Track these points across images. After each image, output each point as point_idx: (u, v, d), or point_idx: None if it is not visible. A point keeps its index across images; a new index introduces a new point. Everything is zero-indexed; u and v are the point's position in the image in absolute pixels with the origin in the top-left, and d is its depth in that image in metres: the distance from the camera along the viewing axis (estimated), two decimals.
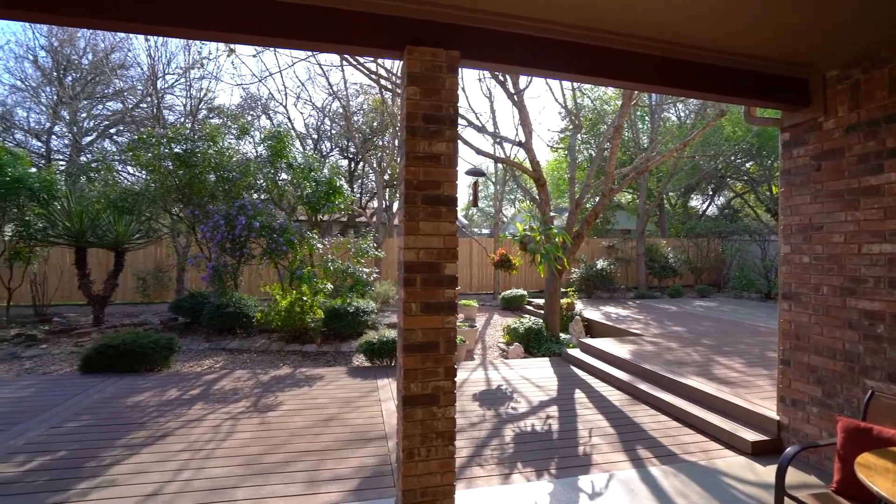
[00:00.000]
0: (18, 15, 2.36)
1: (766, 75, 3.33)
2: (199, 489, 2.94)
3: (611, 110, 17.36)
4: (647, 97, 14.33)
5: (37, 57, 17.52)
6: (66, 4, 2.28)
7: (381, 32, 2.58)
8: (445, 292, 2.50)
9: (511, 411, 4.45)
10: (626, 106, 7.16)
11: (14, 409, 4.34)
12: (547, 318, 7.75)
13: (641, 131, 17.81)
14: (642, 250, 14.69)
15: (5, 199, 8.04)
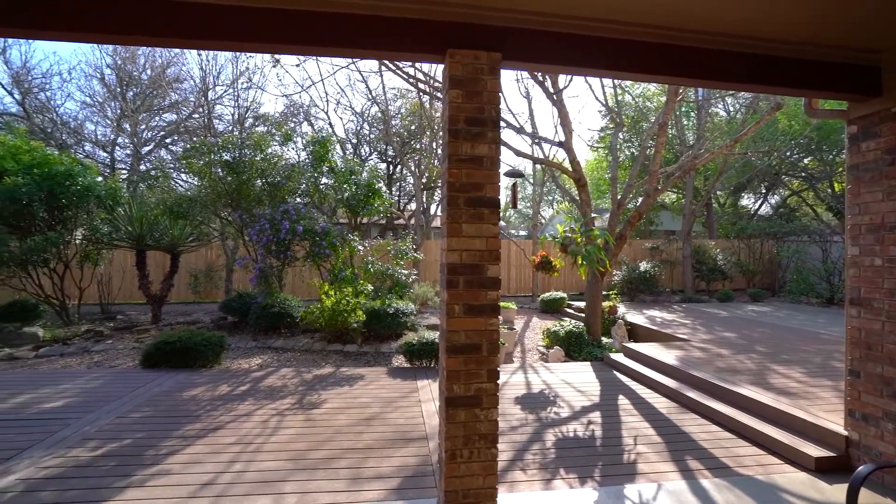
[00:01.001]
0: (86, 37, 2.56)
1: (830, 64, 3.11)
2: (250, 481, 3.06)
3: (654, 107, 16.77)
4: (694, 92, 13.76)
5: (103, 75, 18.93)
6: (126, 25, 2.45)
7: (423, 38, 2.62)
8: (488, 294, 2.49)
9: (552, 416, 4.38)
10: (672, 102, 6.89)
11: (87, 398, 4.69)
12: (588, 322, 7.56)
13: (687, 128, 17.09)
14: (688, 252, 14.07)
15: (77, 206, 8.71)
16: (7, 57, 20.63)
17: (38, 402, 4.57)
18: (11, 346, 7.18)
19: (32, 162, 8.26)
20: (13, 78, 17.82)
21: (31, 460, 3.32)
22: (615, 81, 10.66)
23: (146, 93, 18.83)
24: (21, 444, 3.58)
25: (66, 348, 7.09)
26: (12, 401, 4.62)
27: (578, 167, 7.63)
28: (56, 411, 4.33)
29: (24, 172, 8.02)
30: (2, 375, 5.63)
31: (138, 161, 18.45)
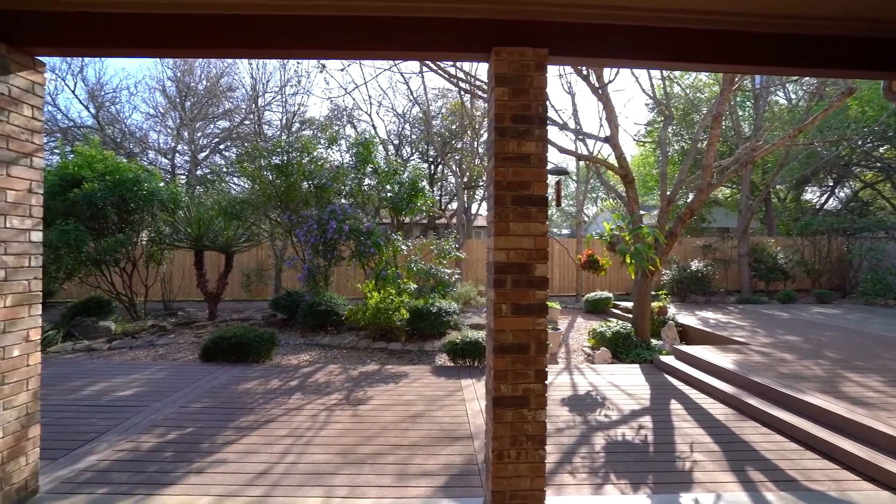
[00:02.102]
0: (153, 52, 2.75)
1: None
2: (302, 472, 3.17)
3: (705, 98, 15.92)
4: (751, 80, 12.94)
5: (165, 87, 20.28)
6: (188, 39, 2.60)
7: (468, 37, 2.61)
8: (536, 293, 2.46)
9: (601, 418, 4.25)
10: (727, 91, 6.51)
11: (153, 389, 5.04)
12: (636, 323, 7.29)
13: (743, 118, 16.11)
14: (745, 250, 13.27)
15: (143, 210, 9.38)
16: (84, 75, 22.51)
17: (113, 391, 4.96)
18: (89, 338, 7.84)
19: (105, 169, 8.97)
20: (89, 94, 19.44)
21: (108, 443, 3.60)
22: (664, 73, 10.21)
23: (202, 102, 19.98)
24: (100, 428, 3.90)
25: (135, 341, 7.64)
26: (91, 388, 5.04)
27: (625, 163, 7.37)
28: (127, 399, 4.68)
29: (98, 179, 8.72)
30: (82, 365, 6.15)
31: (195, 166, 19.62)
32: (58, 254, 7.95)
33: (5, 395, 2.55)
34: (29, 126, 2.71)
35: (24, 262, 2.68)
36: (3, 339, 2.53)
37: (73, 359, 6.61)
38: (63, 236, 7.88)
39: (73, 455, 3.40)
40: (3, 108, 2.53)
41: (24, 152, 2.67)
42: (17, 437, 2.63)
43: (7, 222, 2.56)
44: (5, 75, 2.54)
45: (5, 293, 2.55)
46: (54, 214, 8.11)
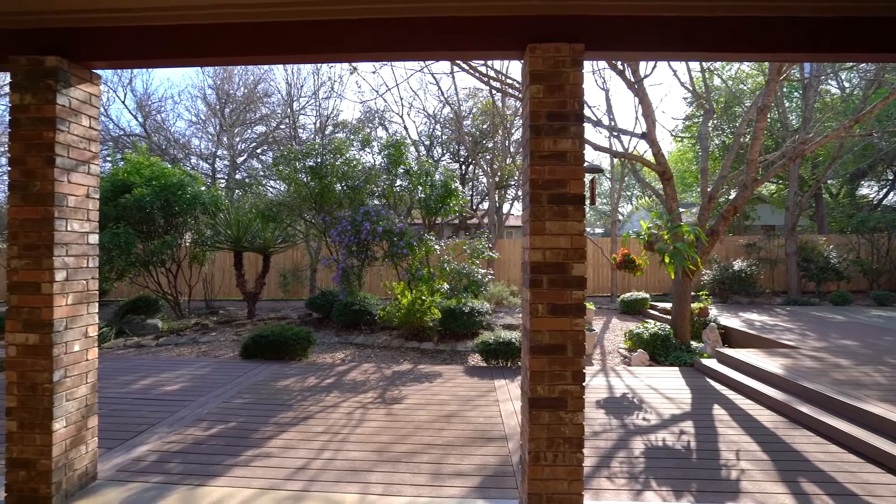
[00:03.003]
0: (199, 61, 2.87)
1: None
2: (339, 469, 3.23)
3: (748, 90, 15.19)
4: (799, 69, 12.26)
5: (205, 95, 21.19)
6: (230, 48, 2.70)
7: (502, 34, 2.59)
8: (573, 294, 2.41)
9: (639, 422, 4.13)
10: (774, 81, 6.19)
11: (198, 384, 5.27)
12: (675, 324, 7.04)
13: (790, 109, 15.28)
14: (793, 249, 12.58)
15: (186, 213, 9.83)
16: (133, 86, 23.81)
17: (161, 385, 5.21)
18: (138, 335, 8.28)
19: (152, 175, 9.45)
20: (137, 103, 20.55)
21: (158, 435, 3.79)
22: (703, 65, 9.82)
23: (240, 108, 20.76)
24: (150, 420, 4.11)
25: (180, 339, 8.01)
26: (141, 382, 5.31)
27: (663, 159, 7.13)
28: (174, 394, 4.91)
29: (145, 184, 9.20)
30: (132, 360, 6.50)
31: (234, 170, 20.40)
32: (110, 255, 8.43)
33: (67, 387, 2.73)
34: (87, 135, 2.88)
35: (83, 262, 2.86)
36: (65, 335, 2.71)
37: (124, 354, 7.00)
38: (114, 239, 8.35)
39: (127, 445, 3.59)
40: (64, 118, 2.70)
41: (83, 160, 2.84)
42: (78, 427, 2.80)
43: (68, 226, 2.73)
44: (66, 88, 2.71)
45: (67, 292, 2.72)
46: (107, 218, 8.61)
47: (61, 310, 2.68)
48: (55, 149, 2.63)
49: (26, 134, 2.63)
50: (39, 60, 2.64)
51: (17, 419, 2.63)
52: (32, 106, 2.63)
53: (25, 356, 2.62)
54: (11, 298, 2.64)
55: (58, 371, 2.65)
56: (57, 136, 2.64)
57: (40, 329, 2.62)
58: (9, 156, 2.67)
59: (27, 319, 2.62)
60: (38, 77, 2.64)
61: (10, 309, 2.64)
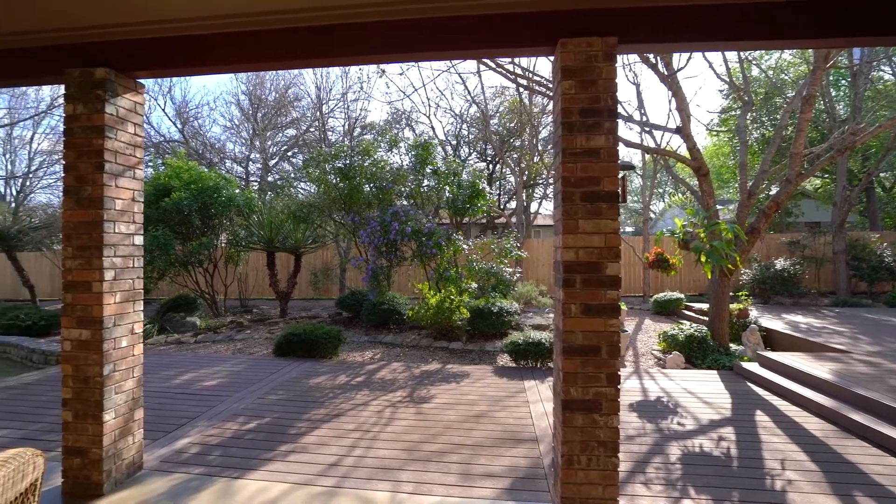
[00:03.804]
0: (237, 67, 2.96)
1: None
2: (370, 466, 3.27)
3: (790, 79, 14.48)
4: (848, 55, 11.58)
5: (239, 101, 21.92)
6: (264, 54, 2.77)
7: (532, 31, 2.56)
8: (607, 293, 2.35)
9: (675, 427, 4.00)
10: (820, 70, 5.86)
11: (234, 380, 5.45)
12: (713, 326, 6.78)
13: (837, 99, 14.47)
14: (842, 247, 11.91)
15: (221, 215, 10.19)
16: (172, 94, 24.88)
17: (200, 381, 5.41)
18: (178, 332, 8.64)
19: (190, 179, 9.84)
20: (176, 111, 21.45)
21: (198, 428, 3.94)
22: (741, 55, 9.42)
23: (272, 113, 21.34)
24: (190, 414, 4.27)
25: (216, 336, 8.30)
26: (182, 377, 5.54)
27: (698, 154, 6.88)
28: (212, 389, 5.09)
29: (184, 188, 9.59)
30: (174, 356, 6.79)
31: (266, 173, 20.99)
32: (152, 256, 8.83)
33: (116, 380, 2.87)
34: (132, 142, 3.02)
35: (130, 263, 3.00)
36: (114, 331, 2.85)
37: (165, 350, 7.31)
38: (155, 240, 8.74)
39: (169, 437, 3.75)
40: (112, 126, 2.84)
41: (129, 165, 2.98)
42: (125, 419, 2.95)
43: (116, 228, 2.87)
44: (114, 98, 2.85)
45: (115, 291, 2.86)
46: (148, 221, 9.02)
47: (110, 307, 2.82)
48: (104, 155, 2.77)
49: (78, 142, 2.79)
50: (90, 72, 2.79)
51: (72, 410, 2.79)
52: (84, 115, 2.78)
53: (79, 350, 2.78)
54: (66, 296, 2.79)
55: (107, 365, 2.80)
56: (106, 143, 2.78)
57: (92, 325, 2.76)
58: (63, 162, 2.83)
59: (80, 316, 2.77)
60: (88, 88, 2.78)
61: (65, 306, 2.80)
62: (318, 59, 2.87)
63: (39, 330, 8.64)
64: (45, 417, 4.23)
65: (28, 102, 21.27)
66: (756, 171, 7.28)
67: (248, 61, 2.85)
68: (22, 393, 5.01)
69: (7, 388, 5.18)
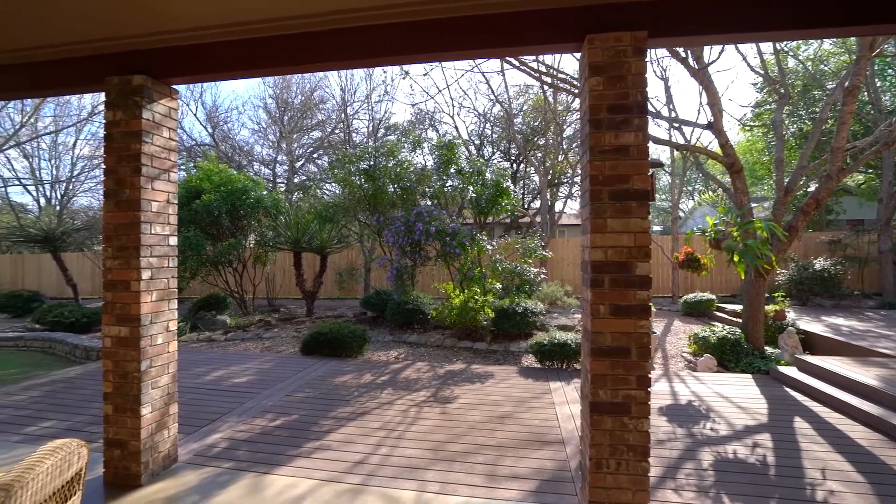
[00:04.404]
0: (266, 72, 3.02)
1: None
2: (396, 465, 3.29)
3: (830, 70, 13.82)
4: (894, 42, 10.97)
5: (266, 104, 22.45)
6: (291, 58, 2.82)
7: (559, 27, 2.52)
8: (637, 294, 2.29)
9: (707, 432, 3.87)
10: (865, 59, 5.57)
11: (262, 377, 5.58)
12: (747, 328, 6.54)
13: (883, 89, 13.73)
14: (888, 246, 11.29)
15: (250, 216, 10.45)
16: (203, 100, 25.70)
17: (229, 378, 5.57)
18: (209, 330, 8.91)
19: (220, 181, 10.13)
20: (207, 115, 22.14)
21: (228, 424, 4.05)
22: (777, 46, 9.05)
23: (298, 115, 21.78)
24: (221, 410, 4.40)
25: (245, 334, 8.52)
26: (213, 374, 5.71)
27: (731, 150, 6.64)
28: (242, 386, 5.23)
29: (214, 190, 9.88)
30: (205, 353, 7.01)
31: (293, 174, 21.43)
32: (184, 256, 9.14)
33: (152, 376, 2.98)
34: (167, 146, 3.13)
35: (165, 262, 3.11)
36: (150, 328, 2.96)
37: (197, 347, 7.55)
38: (187, 241, 9.05)
39: (201, 432, 3.87)
40: (148, 131, 2.95)
41: (164, 168, 3.09)
42: (161, 413, 3.05)
43: (152, 229, 2.98)
44: (150, 104, 2.96)
45: (151, 289, 2.97)
46: (181, 222, 9.33)
47: (147, 305, 2.93)
48: (141, 159, 2.88)
49: (118, 146, 2.90)
50: (128, 80, 2.90)
51: (113, 403, 2.91)
52: (123, 121, 2.90)
53: (118, 347, 2.89)
54: (106, 295, 2.92)
55: (144, 361, 2.91)
56: (143, 147, 2.89)
57: (130, 323, 2.88)
58: (104, 167, 2.96)
59: (119, 314, 2.89)
60: (127, 94, 2.90)
61: (106, 304, 2.92)
62: (344, 62, 2.89)
63: (81, 327, 9.06)
64: (88, 410, 4.43)
65: (71, 110, 22.35)
66: (793, 167, 6.97)
67: (280, 65, 2.90)
68: (66, 386, 5.27)
69: (53, 382, 5.45)
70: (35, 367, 6.88)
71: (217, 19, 2.70)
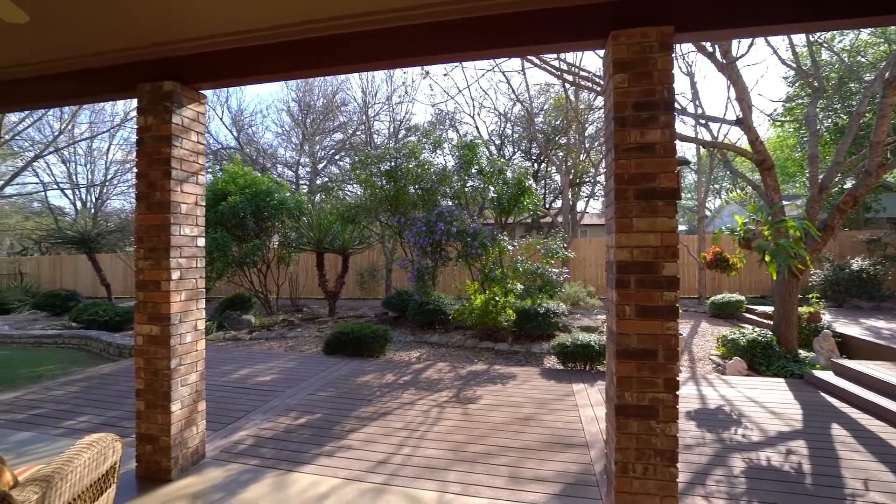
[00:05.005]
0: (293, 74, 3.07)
1: None
2: (417, 465, 3.29)
3: (868, 61, 13.21)
4: None
5: (289, 108, 22.87)
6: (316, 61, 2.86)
7: (582, 24, 2.48)
8: (664, 295, 2.23)
9: (738, 438, 3.75)
10: None
11: (286, 376, 5.68)
12: (779, 330, 6.31)
13: None
14: None
15: (273, 218, 10.66)
16: (229, 104, 26.35)
17: (254, 376, 5.68)
18: (235, 329, 9.12)
19: (245, 184, 10.37)
20: (232, 119, 22.70)
21: (253, 422, 4.13)
22: (810, 37, 8.71)
23: (320, 118, 22.11)
24: (246, 408, 4.49)
25: (269, 334, 8.69)
26: (239, 372, 5.84)
27: (762, 147, 6.43)
28: (266, 384, 5.33)
29: (240, 192, 10.12)
30: (231, 352, 7.18)
31: (315, 176, 21.76)
32: (211, 257, 9.38)
33: (181, 374, 3.06)
34: (195, 149, 3.22)
35: (193, 263, 3.19)
36: (179, 327, 3.04)
37: (223, 346, 7.74)
38: (213, 242, 9.28)
39: (227, 429, 3.95)
40: (178, 135, 3.04)
41: (192, 171, 3.17)
42: (190, 410, 3.14)
43: (181, 230, 3.07)
44: (179, 109, 3.05)
45: (181, 289, 3.06)
46: (207, 224, 9.58)
47: (176, 305, 3.01)
48: (171, 162, 2.97)
49: (149, 151, 3.00)
50: (159, 86, 2.99)
51: (144, 400, 3.01)
52: (153, 126, 2.99)
53: (150, 345, 2.99)
54: (138, 294, 3.01)
55: (174, 359, 2.99)
56: (172, 151, 2.98)
57: (160, 321, 2.97)
58: (136, 170, 3.06)
59: (151, 313, 2.98)
60: (157, 100, 2.99)
61: (138, 304, 3.02)
62: (365, 64, 2.90)
63: (114, 325, 9.41)
64: (122, 406, 4.59)
65: (105, 117, 23.25)
66: (828, 164, 6.69)
67: (306, 68, 2.94)
68: (101, 382, 5.48)
69: (89, 378, 5.68)
70: (72, 363, 7.18)
71: (246, 25, 2.75)
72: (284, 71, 2.96)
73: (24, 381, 5.98)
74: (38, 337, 9.06)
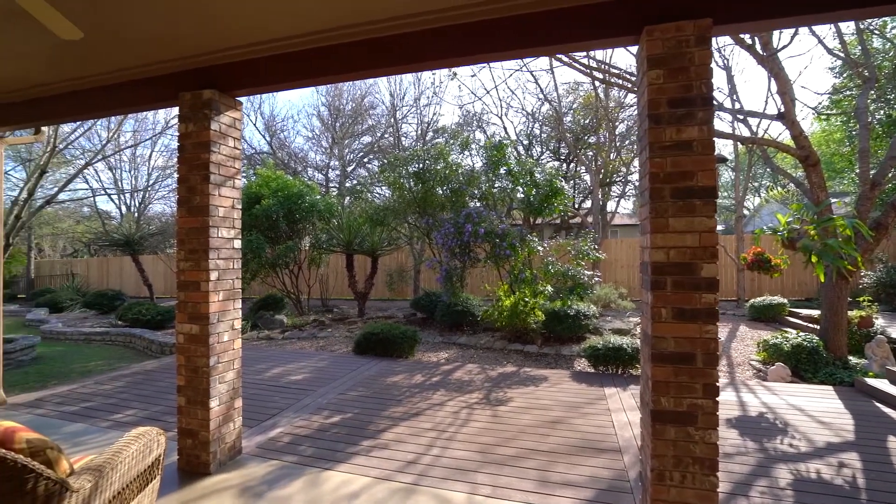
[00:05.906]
0: (333, 79, 3.14)
1: None
2: (447, 466, 3.29)
3: None
4: None
5: (319, 112, 23.40)
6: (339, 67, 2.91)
7: (614, 20, 2.43)
8: (703, 297, 2.15)
9: (783, 447, 3.57)
10: None
11: (318, 375, 5.79)
12: (827, 335, 5.98)
13: None
14: None
15: (305, 220, 10.92)
16: (262, 110, 27.19)
17: (287, 375, 5.83)
18: (268, 328, 9.38)
19: (277, 187, 10.67)
20: (265, 125, 23.42)
21: (287, 419, 4.24)
22: (859, 24, 8.22)
23: (349, 122, 22.51)
24: (280, 405, 4.61)
25: (301, 333, 8.90)
26: (272, 371, 6.00)
27: (805, 142, 6.11)
28: (299, 383, 5.45)
29: (272, 196, 10.42)
30: (265, 351, 7.39)
31: (345, 179, 22.16)
32: (245, 258, 9.69)
33: (219, 371, 3.17)
34: (232, 154, 3.33)
35: (230, 264, 3.30)
36: (217, 326, 3.15)
37: (257, 345, 7.97)
38: (248, 244, 9.58)
39: (263, 426, 4.07)
40: (216, 141, 3.16)
41: (229, 175, 3.29)
42: (227, 407, 3.25)
43: (219, 233, 3.18)
44: (217, 115, 3.17)
45: (218, 290, 3.17)
46: (242, 226, 9.89)
47: (214, 305, 3.13)
48: (209, 167, 3.09)
49: (189, 157, 3.13)
50: (199, 94, 3.12)
51: (185, 396, 3.13)
52: (193, 133, 3.12)
53: (190, 343, 3.11)
54: (180, 295, 3.15)
55: (213, 357, 3.10)
56: (210, 156, 3.09)
57: (200, 321, 3.08)
58: (177, 175, 3.20)
59: (191, 312, 3.11)
60: (197, 108, 3.12)
61: (179, 303, 3.15)
62: (394, 67, 2.93)
63: (156, 324, 9.86)
64: (164, 401, 4.80)
65: (147, 125, 24.42)
66: (880, 158, 6.29)
67: (339, 72, 2.99)
68: (145, 378, 5.74)
69: (133, 374, 5.96)
70: (119, 359, 7.56)
71: (284, 31, 2.82)
72: (328, 75, 3.01)
73: (77, 375, 6.34)
74: (88, 334, 9.60)
